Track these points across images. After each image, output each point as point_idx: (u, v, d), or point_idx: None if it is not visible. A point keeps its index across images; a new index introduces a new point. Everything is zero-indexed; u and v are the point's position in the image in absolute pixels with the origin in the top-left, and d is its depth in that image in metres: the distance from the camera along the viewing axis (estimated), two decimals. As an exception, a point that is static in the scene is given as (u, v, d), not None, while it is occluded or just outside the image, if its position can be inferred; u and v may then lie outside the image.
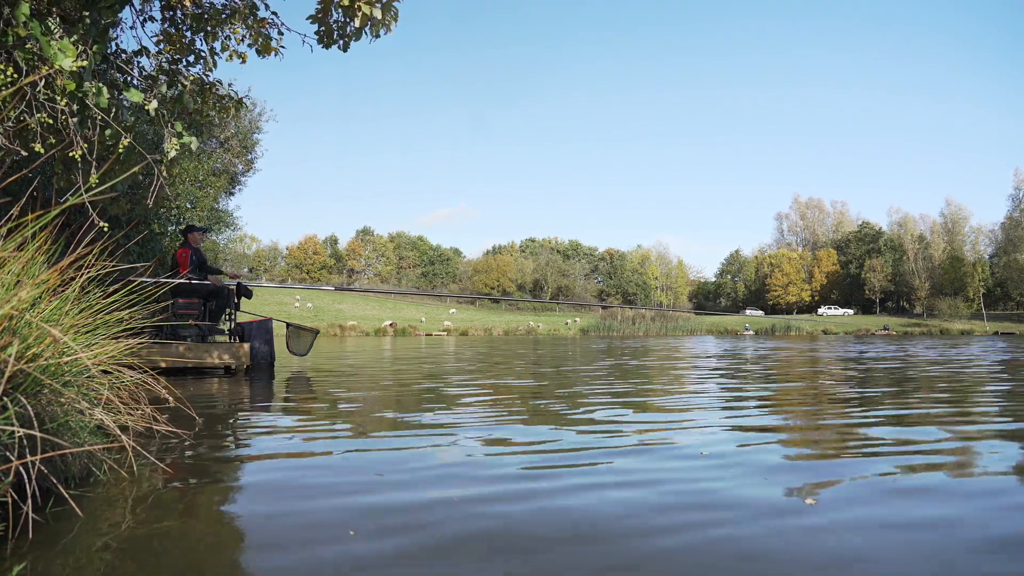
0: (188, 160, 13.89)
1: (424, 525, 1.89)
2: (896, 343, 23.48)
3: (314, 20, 4.52)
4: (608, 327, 52.03)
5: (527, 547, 1.73)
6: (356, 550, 1.69)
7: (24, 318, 1.90)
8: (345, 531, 1.82)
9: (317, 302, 53.53)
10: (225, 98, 5.32)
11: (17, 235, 2.10)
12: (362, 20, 4.16)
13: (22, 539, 1.65)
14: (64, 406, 2.15)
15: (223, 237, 23.06)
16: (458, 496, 2.19)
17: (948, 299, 71.01)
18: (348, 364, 9.76)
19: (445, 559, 1.64)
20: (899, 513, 2.02)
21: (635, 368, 9.02)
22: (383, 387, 6.18)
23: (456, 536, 1.80)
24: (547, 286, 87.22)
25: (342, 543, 1.73)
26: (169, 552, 1.67)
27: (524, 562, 1.63)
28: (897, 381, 6.77)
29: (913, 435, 3.43)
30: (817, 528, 1.88)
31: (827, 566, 1.60)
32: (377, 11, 4.16)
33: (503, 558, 1.65)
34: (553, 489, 2.29)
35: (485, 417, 4.10)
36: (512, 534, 1.82)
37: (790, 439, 3.42)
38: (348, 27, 4.52)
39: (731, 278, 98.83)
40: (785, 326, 60.19)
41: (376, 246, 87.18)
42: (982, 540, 1.77)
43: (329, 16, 4.50)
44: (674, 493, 2.25)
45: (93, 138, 3.64)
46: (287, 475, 2.52)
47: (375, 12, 4.16)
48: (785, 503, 2.13)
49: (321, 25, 4.57)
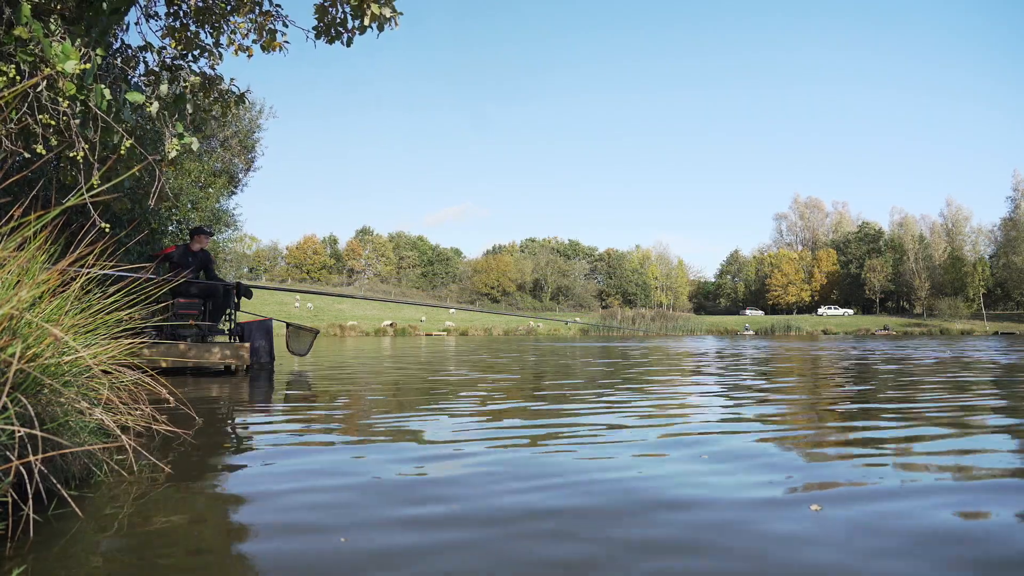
0: (189, 161, 13.90)
1: (418, 530, 1.89)
2: (896, 343, 23.48)
3: (318, 16, 4.54)
4: (608, 327, 52.03)
5: (520, 551, 1.73)
6: (355, 550, 1.69)
7: (24, 318, 1.90)
8: (344, 532, 1.83)
9: (317, 302, 53.52)
10: (226, 93, 5.33)
11: (18, 235, 2.10)
12: (371, 18, 4.23)
13: (22, 539, 1.65)
14: (64, 406, 2.15)
15: (223, 236, 23.08)
16: (454, 498, 2.19)
17: (948, 299, 70.98)
18: (348, 364, 9.76)
19: (438, 560, 1.65)
20: (902, 517, 2.02)
21: (638, 375, 9.02)
22: (383, 387, 6.18)
23: (449, 539, 1.80)
24: (547, 286, 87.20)
25: (342, 543, 1.74)
26: (169, 552, 1.67)
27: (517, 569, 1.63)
28: (897, 381, 6.77)
29: (913, 436, 3.44)
30: (818, 533, 1.88)
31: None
32: (387, 10, 4.23)
33: (497, 563, 1.65)
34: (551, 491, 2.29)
35: (485, 418, 4.10)
36: (504, 539, 1.83)
37: (791, 442, 3.42)
38: (350, 23, 4.55)
39: (731, 278, 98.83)
40: (785, 326, 60.21)
41: (376, 246, 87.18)
42: (990, 553, 1.77)
43: (327, 15, 4.52)
44: (675, 496, 2.26)
45: (94, 139, 3.64)
46: (287, 475, 2.52)
47: (384, 11, 4.23)
48: (788, 508, 2.12)
49: (320, 21, 4.59)
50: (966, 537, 1.82)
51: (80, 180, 3.88)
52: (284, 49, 5.02)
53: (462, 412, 4.35)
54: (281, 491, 2.27)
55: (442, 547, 1.72)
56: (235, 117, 22.90)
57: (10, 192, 3.22)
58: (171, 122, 4.31)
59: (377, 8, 4.18)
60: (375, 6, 4.18)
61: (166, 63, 5.04)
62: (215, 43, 5.01)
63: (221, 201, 19.79)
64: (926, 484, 2.39)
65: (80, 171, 3.89)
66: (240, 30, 5.01)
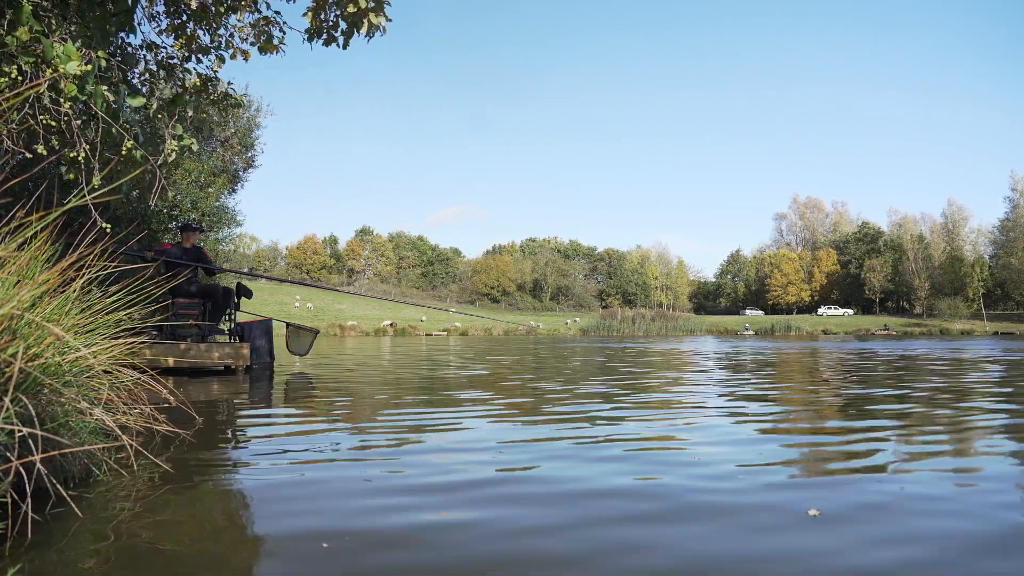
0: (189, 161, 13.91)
1: (412, 536, 1.90)
2: (896, 343, 23.48)
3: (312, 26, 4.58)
4: (608, 327, 52.02)
5: (513, 559, 1.74)
6: (355, 551, 1.70)
7: (25, 318, 1.91)
8: (345, 531, 1.83)
9: (317, 302, 53.52)
10: (225, 97, 5.35)
11: (19, 235, 2.11)
12: (369, 29, 4.31)
13: (22, 539, 1.66)
14: (64, 406, 2.16)
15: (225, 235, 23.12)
16: (446, 504, 2.20)
17: (948, 299, 70.94)
18: (347, 364, 9.76)
19: (438, 552, 1.65)
20: (905, 523, 2.02)
21: (637, 378, 9.03)
22: (382, 387, 6.18)
23: (444, 542, 1.81)
24: (547, 286, 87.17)
25: (341, 544, 1.74)
26: (169, 552, 1.67)
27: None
28: (898, 382, 6.77)
29: (915, 436, 3.44)
30: (821, 541, 1.89)
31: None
32: (382, 19, 4.30)
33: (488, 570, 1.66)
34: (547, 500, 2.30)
35: (484, 417, 4.11)
36: (495, 548, 1.83)
37: (792, 445, 3.42)
38: (341, 27, 4.59)
39: (731, 278, 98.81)
40: (785, 326, 60.16)
41: (375, 246, 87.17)
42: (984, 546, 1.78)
43: (319, 16, 4.56)
44: (674, 503, 2.26)
45: (96, 140, 3.65)
46: (287, 475, 2.52)
47: (380, 20, 4.30)
48: (788, 513, 2.13)
49: (313, 25, 4.63)
50: (968, 538, 1.83)
51: (81, 180, 3.89)
52: (281, 51, 5.07)
53: (462, 412, 4.36)
54: (281, 491, 2.28)
55: (440, 538, 1.73)
56: (235, 117, 22.92)
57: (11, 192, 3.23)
58: (170, 124, 4.33)
59: (375, 18, 4.28)
60: (372, 15, 4.27)
61: (164, 63, 5.06)
62: (215, 45, 5.04)
63: (221, 199, 19.81)
64: (933, 494, 2.40)
65: (81, 171, 3.90)
66: (239, 34, 5.04)
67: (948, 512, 2.05)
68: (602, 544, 1.75)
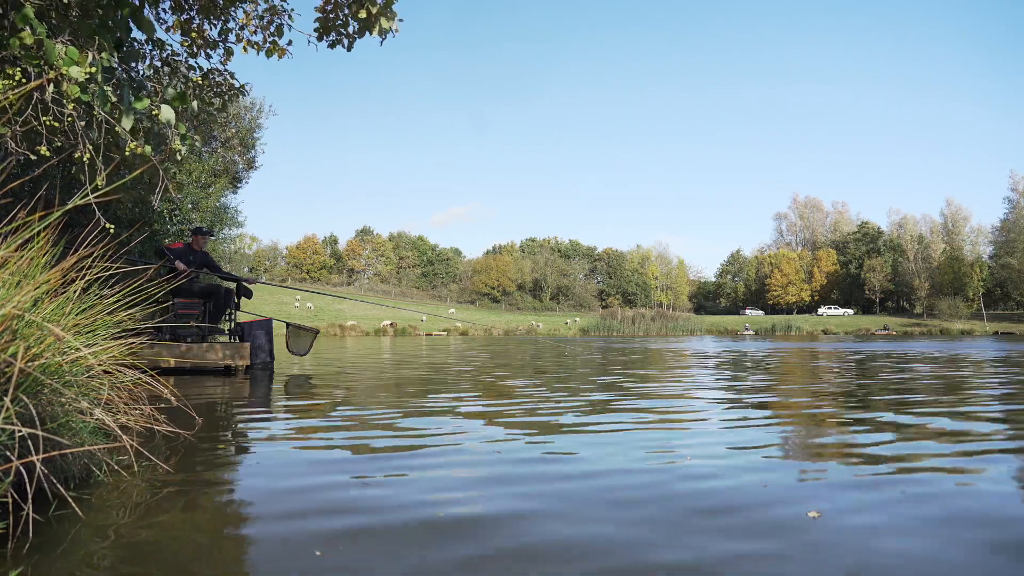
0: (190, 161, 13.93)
1: (409, 537, 1.90)
2: (896, 342, 23.48)
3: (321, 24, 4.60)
4: (608, 327, 52.03)
5: (506, 562, 1.74)
6: (355, 550, 1.70)
7: (25, 318, 1.91)
8: (344, 532, 1.83)
9: (317, 302, 53.51)
10: (227, 87, 5.38)
11: (20, 235, 2.11)
12: (379, 31, 4.35)
13: (22, 539, 1.66)
14: (65, 406, 2.16)
15: (226, 235, 23.13)
16: (443, 504, 2.20)
17: (948, 299, 70.92)
18: (348, 364, 9.76)
19: (445, 555, 1.66)
20: (906, 524, 2.03)
21: (638, 381, 9.02)
22: (382, 387, 6.18)
23: (445, 542, 1.81)
24: (547, 286, 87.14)
25: (341, 544, 1.74)
26: (169, 552, 1.68)
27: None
28: (898, 382, 6.78)
29: (915, 437, 3.44)
30: (821, 542, 1.89)
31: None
32: (393, 23, 4.35)
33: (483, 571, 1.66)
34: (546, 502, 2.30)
35: (483, 418, 4.11)
36: (496, 546, 1.83)
37: (792, 445, 3.42)
38: (351, 26, 4.61)
39: (731, 278, 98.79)
40: (785, 326, 60.17)
41: (375, 246, 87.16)
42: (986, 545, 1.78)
43: (328, 19, 4.58)
44: (674, 505, 2.26)
45: (99, 141, 3.66)
46: (286, 476, 2.53)
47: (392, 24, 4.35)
48: (788, 515, 2.13)
49: (322, 26, 4.64)
50: (970, 539, 1.83)
51: (84, 180, 3.89)
52: (289, 54, 5.11)
53: (461, 410, 4.36)
54: (281, 490, 2.28)
55: (440, 539, 1.73)
56: (235, 117, 22.93)
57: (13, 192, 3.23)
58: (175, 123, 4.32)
59: (387, 22, 4.32)
60: (383, 20, 4.31)
61: (169, 60, 5.08)
62: (223, 38, 5.08)
63: (222, 199, 19.82)
64: (933, 492, 2.40)
65: (84, 172, 3.90)
66: (248, 26, 5.07)
67: (948, 512, 2.05)
68: (602, 544, 1.76)
